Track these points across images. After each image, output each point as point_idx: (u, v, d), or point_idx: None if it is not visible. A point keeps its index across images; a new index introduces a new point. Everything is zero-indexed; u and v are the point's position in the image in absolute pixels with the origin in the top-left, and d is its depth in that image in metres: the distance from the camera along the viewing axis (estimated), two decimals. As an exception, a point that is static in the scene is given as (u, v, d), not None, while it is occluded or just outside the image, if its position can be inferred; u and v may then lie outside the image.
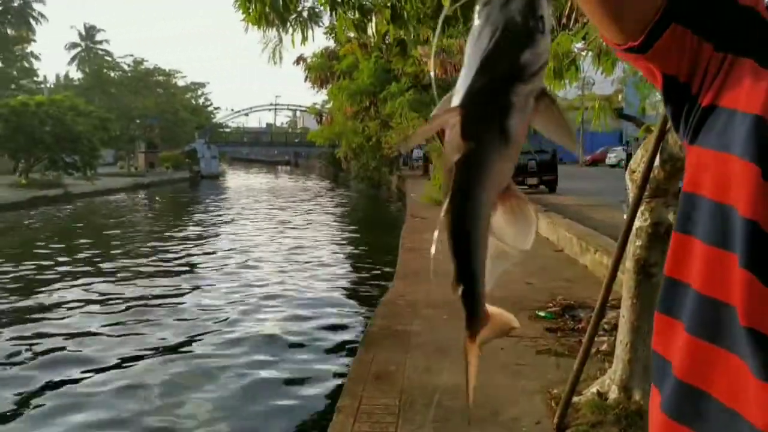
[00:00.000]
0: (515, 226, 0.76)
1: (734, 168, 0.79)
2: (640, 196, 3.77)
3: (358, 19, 4.38)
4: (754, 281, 0.77)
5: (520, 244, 0.77)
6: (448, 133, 0.70)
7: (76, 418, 5.49)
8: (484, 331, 0.86)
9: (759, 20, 0.83)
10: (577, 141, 3.82)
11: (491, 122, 0.68)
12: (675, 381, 0.87)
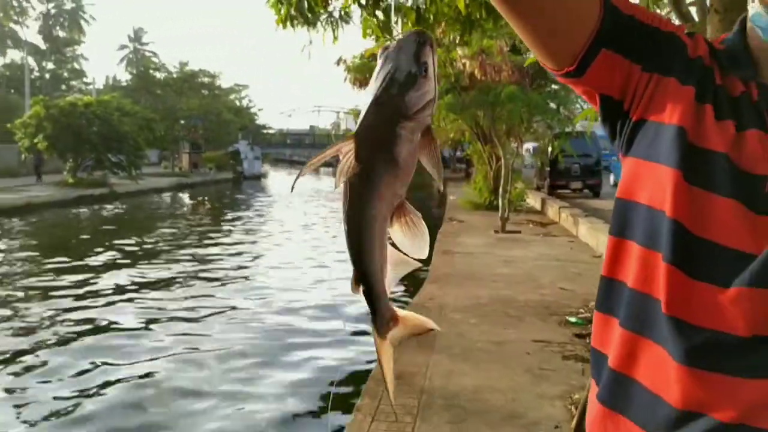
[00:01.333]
0: (411, 238, 0.85)
1: (661, 174, 0.89)
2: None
3: (383, 21, 4.40)
4: (677, 273, 0.86)
5: (416, 253, 0.87)
6: (341, 158, 0.80)
7: (107, 412, 5.64)
8: (397, 330, 0.91)
9: (680, 44, 0.95)
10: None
11: (379, 150, 0.80)
12: (609, 371, 0.96)
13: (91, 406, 5.75)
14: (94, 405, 5.77)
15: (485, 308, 7.07)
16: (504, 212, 13.81)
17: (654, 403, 0.89)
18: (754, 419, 0.81)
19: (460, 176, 34.98)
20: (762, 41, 0.91)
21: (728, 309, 0.84)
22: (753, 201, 0.85)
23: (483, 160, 19.03)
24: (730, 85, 0.92)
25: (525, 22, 0.97)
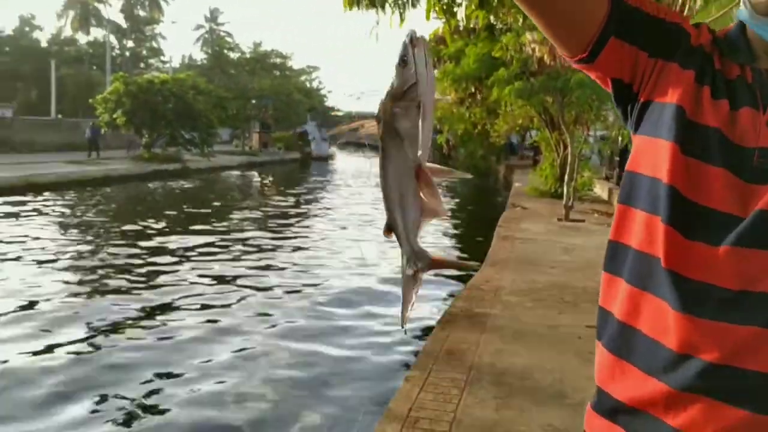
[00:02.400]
0: (428, 197, 1.02)
1: (661, 147, 1.01)
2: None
3: (447, 4, 4.48)
4: (674, 233, 0.98)
5: (439, 210, 1.04)
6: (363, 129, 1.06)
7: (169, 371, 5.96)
8: (433, 264, 1.07)
9: (684, 33, 1.07)
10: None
11: (386, 125, 1.00)
12: (615, 323, 1.08)
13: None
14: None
15: (541, 293, 7.09)
16: (568, 200, 13.67)
17: (654, 348, 1.00)
18: (738, 360, 0.92)
19: (527, 163, 34.50)
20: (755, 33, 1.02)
21: (719, 265, 0.95)
22: (742, 171, 0.96)
23: (550, 147, 18.80)
24: (728, 69, 1.03)
25: (541, 16, 1.09)
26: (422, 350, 5.15)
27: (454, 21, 4.68)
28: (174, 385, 5.79)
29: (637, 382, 1.03)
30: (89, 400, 5.39)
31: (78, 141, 32.26)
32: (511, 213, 14.85)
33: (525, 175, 25.24)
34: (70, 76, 45.44)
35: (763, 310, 0.92)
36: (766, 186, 0.93)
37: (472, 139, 25.14)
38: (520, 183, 21.90)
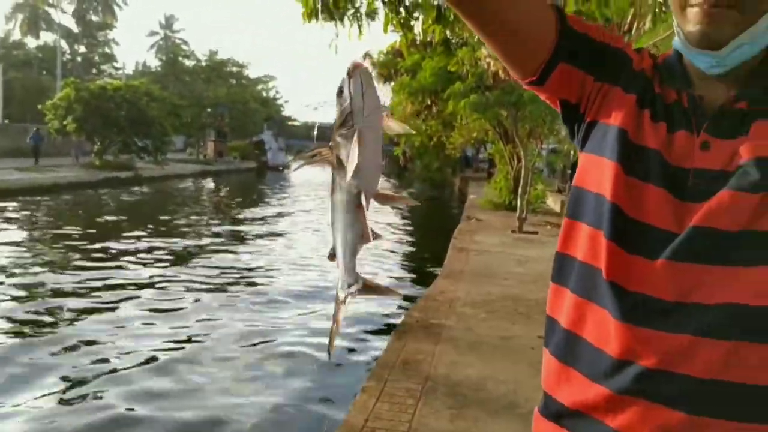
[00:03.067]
0: (365, 225, 1.06)
1: (605, 166, 1.08)
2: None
3: (404, 18, 4.54)
4: (614, 247, 1.05)
5: (371, 236, 1.07)
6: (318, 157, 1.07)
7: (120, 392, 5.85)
8: (361, 290, 1.10)
9: (627, 58, 1.14)
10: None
11: (335, 153, 1.04)
12: (561, 331, 1.14)
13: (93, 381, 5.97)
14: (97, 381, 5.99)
15: (495, 304, 7.20)
16: (522, 213, 13.90)
17: (597, 355, 1.07)
18: (673, 366, 0.99)
19: (482, 176, 34.92)
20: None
21: (656, 277, 1.02)
22: (678, 190, 1.03)
23: (505, 160, 19.09)
24: (666, 94, 1.10)
25: (494, 41, 1.16)
26: (378, 361, 5.17)
27: (411, 35, 4.75)
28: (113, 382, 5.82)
29: (581, 387, 1.09)
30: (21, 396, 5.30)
31: (26, 147, 31.45)
32: (467, 225, 15.01)
33: (480, 187, 25.55)
34: (18, 80, 44.29)
35: (696, 319, 0.98)
36: (700, 204, 1.00)
37: (428, 151, 25.36)
38: (475, 195, 22.17)
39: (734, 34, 1.01)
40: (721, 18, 1.01)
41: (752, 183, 0.96)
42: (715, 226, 0.98)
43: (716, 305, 0.98)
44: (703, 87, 1.08)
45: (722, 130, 1.03)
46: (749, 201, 0.97)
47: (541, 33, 1.12)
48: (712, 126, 1.04)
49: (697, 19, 1.02)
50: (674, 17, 1.09)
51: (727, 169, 1.00)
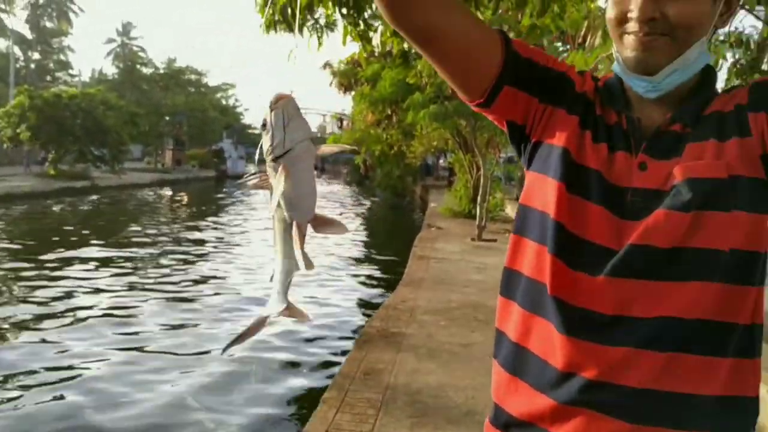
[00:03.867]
0: (300, 250, 1.10)
1: (549, 185, 1.13)
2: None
3: (362, 30, 4.58)
4: (558, 263, 1.10)
5: (306, 264, 1.10)
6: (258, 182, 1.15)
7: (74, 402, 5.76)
8: (284, 312, 1.18)
9: (570, 81, 1.20)
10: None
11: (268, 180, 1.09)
12: (510, 344, 1.19)
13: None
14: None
15: (455, 312, 7.27)
16: (481, 221, 14.05)
17: (543, 367, 1.12)
18: (614, 377, 1.05)
19: (443, 184, 35.18)
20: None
21: (597, 292, 1.07)
22: (618, 208, 1.09)
23: (464, 169, 19.29)
24: (607, 115, 1.16)
25: (443, 66, 1.20)
26: (339, 371, 5.19)
27: (369, 47, 4.78)
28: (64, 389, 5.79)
29: (528, 398, 1.14)
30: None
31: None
32: (427, 233, 15.12)
33: (441, 195, 25.75)
34: (-31, 88, 43.22)
35: (634, 332, 1.04)
36: (638, 222, 1.06)
37: (389, 159, 25.48)
38: (436, 203, 22.32)
39: (668, 61, 1.07)
40: (655, 46, 1.07)
41: (684, 202, 1.03)
42: (651, 243, 1.04)
43: (652, 319, 1.04)
44: (642, 109, 1.14)
45: (658, 151, 1.09)
46: (682, 220, 1.03)
47: (487, 57, 1.16)
48: (650, 147, 1.10)
49: (633, 46, 1.08)
50: (613, 43, 1.15)
51: (663, 189, 1.06)
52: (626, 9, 1.08)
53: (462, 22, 1.15)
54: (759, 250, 1.06)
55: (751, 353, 1.09)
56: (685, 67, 1.09)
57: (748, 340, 1.08)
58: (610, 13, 1.11)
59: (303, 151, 1.05)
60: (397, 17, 1.14)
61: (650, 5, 1.04)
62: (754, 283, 1.07)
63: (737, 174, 1.04)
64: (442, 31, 1.14)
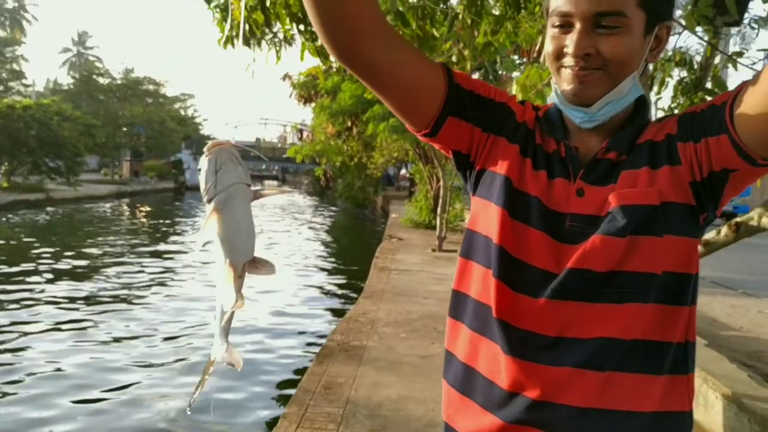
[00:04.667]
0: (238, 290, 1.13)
1: (493, 210, 1.18)
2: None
3: (320, 46, 4.61)
4: (502, 286, 1.15)
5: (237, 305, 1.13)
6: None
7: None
8: (223, 355, 1.20)
9: (510, 111, 1.25)
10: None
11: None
12: (459, 364, 1.24)
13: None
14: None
15: (415, 323, 7.31)
16: (441, 231, 14.16)
17: (490, 387, 1.17)
18: (556, 397, 1.10)
19: (404, 194, 35.33)
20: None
21: (539, 314, 1.12)
22: (557, 233, 1.14)
23: (424, 180, 19.42)
24: (547, 144, 1.22)
25: (389, 99, 1.24)
26: (299, 386, 5.17)
27: (327, 62, 4.82)
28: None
29: (476, 417, 1.18)
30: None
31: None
32: (388, 244, 15.17)
33: (402, 205, 25.84)
34: None
35: (574, 353, 1.10)
36: (576, 246, 1.12)
37: (350, 170, 25.52)
38: (397, 214, 22.41)
39: (602, 93, 1.13)
40: (590, 79, 1.12)
41: (619, 228, 1.08)
42: (588, 267, 1.10)
43: (591, 340, 1.10)
44: (579, 138, 1.20)
45: (595, 178, 1.15)
46: (617, 244, 1.08)
47: (431, 90, 1.21)
48: (587, 174, 1.16)
49: (570, 80, 1.14)
50: (552, 77, 1.20)
51: (599, 214, 1.12)
52: (563, 44, 1.13)
53: (406, 58, 1.19)
54: (690, 272, 1.13)
55: (685, 370, 1.15)
56: (619, 98, 1.15)
57: (681, 357, 1.14)
58: (548, 48, 1.17)
59: (235, 196, 1.09)
60: (343, 54, 1.17)
61: (585, 41, 1.10)
62: (686, 303, 1.13)
63: (669, 200, 1.10)
64: (387, 68, 1.17)
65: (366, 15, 1.13)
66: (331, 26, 1.12)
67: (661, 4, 1.14)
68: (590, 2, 1.09)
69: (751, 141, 1.03)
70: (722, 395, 4.17)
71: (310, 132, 22.51)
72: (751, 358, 5.76)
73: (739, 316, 7.77)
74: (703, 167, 1.09)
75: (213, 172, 1.08)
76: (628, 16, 1.09)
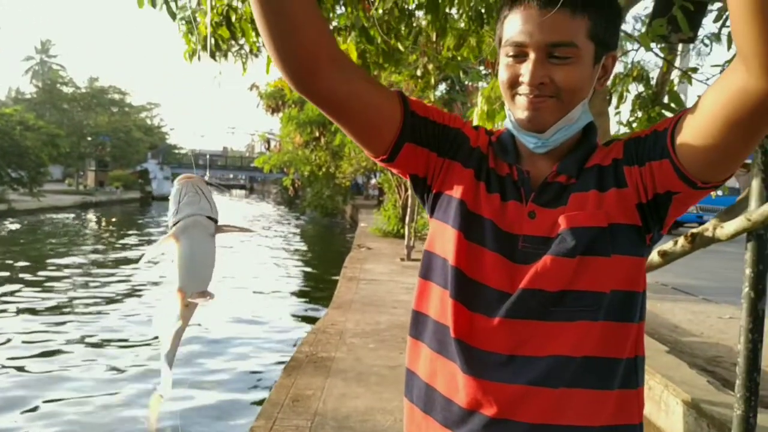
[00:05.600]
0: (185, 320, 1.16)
1: (449, 233, 1.23)
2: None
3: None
4: (459, 307, 1.19)
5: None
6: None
7: None
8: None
9: (464, 137, 1.30)
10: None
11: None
12: (420, 383, 1.27)
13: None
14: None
15: (383, 333, 7.33)
16: (409, 241, 14.21)
17: (449, 406, 1.20)
18: (511, 414, 1.14)
19: (373, 203, 35.37)
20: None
21: (494, 333, 1.16)
22: (511, 254, 1.19)
23: (393, 189, 19.48)
24: (500, 167, 1.26)
25: (347, 128, 1.28)
26: (267, 399, 5.16)
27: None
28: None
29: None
30: None
31: None
32: (357, 253, 15.17)
33: (371, 214, 25.85)
34: None
35: (528, 370, 1.14)
36: (529, 266, 1.16)
37: (318, 179, 25.47)
38: (366, 223, 22.42)
39: (555, 120, 1.19)
40: (544, 106, 1.17)
41: (569, 249, 1.13)
42: (540, 287, 1.14)
43: (545, 357, 1.14)
44: (531, 163, 1.25)
45: (546, 200, 1.20)
46: (567, 265, 1.13)
47: (387, 118, 1.25)
48: (538, 197, 1.21)
49: (525, 106, 1.18)
50: (505, 103, 1.25)
51: (550, 236, 1.17)
52: (518, 73, 1.18)
53: (363, 89, 1.22)
54: (637, 289, 1.18)
55: (635, 384, 1.20)
56: (570, 125, 1.20)
57: (631, 372, 1.19)
58: (503, 76, 1.21)
59: (194, 226, 1.11)
60: (301, 86, 1.20)
61: (540, 71, 1.15)
62: (634, 320, 1.18)
63: (616, 222, 1.15)
64: (345, 99, 1.21)
65: (323, 49, 1.16)
66: (289, 60, 1.15)
67: (607, 35, 1.19)
68: (544, 33, 1.14)
69: (691, 166, 1.09)
70: (682, 401, 4.27)
71: (278, 142, 22.44)
72: (710, 363, 5.89)
73: (699, 322, 7.93)
74: (648, 190, 1.15)
75: (176, 202, 1.11)
76: (578, 46, 1.15)
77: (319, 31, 1.16)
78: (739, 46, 0.93)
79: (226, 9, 3.66)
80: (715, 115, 1.02)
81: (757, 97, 0.95)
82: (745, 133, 1.02)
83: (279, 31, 1.12)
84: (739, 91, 0.97)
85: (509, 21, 1.19)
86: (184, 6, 5.08)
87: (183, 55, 4.60)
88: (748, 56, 0.92)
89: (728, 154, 1.07)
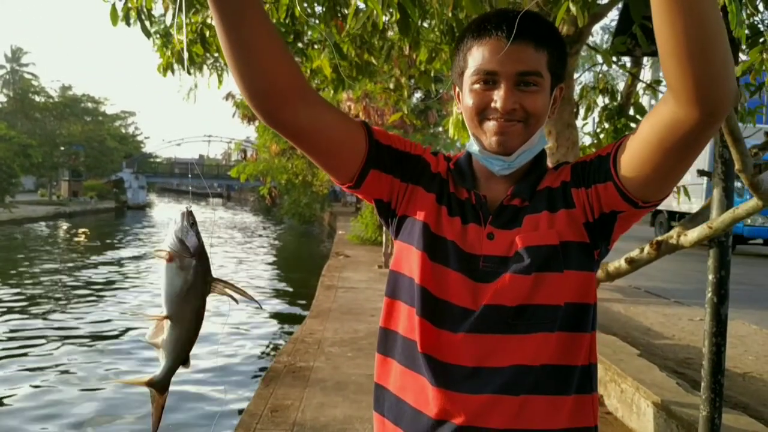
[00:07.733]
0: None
1: (414, 254, 1.31)
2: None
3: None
4: (425, 323, 1.27)
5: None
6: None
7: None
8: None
9: (425, 163, 1.39)
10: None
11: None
12: (391, 396, 1.35)
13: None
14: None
15: (361, 342, 7.38)
16: (387, 248, 14.28)
17: (419, 417, 1.28)
18: (479, 422, 1.22)
19: (351, 210, 35.40)
20: (480, 162, 1.35)
21: (459, 348, 1.25)
22: (473, 273, 1.27)
23: (370, 197, 19.50)
24: (459, 192, 1.35)
25: (313, 157, 1.34)
26: (246, 410, 5.19)
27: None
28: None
29: None
30: None
31: None
32: (335, 261, 15.20)
33: (348, 221, 25.86)
34: None
35: (492, 381, 1.22)
36: (490, 284, 1.25)
37: (296, 187, 25.39)
38: (344, 231, 22.43)
39: (520, 144, 1.28)
40: (513, 130, 1.26)
41: (525, 266, 1.23)
42: (501, 303, 1.23)
43: (507, 368, 1.23)
44: (487, 187, 1.35)
45: (503, 222, 1.29)
46: (524, 281, 1.22)
47: (352, 147, 1.32)
48: (495, 219, 1.30)
49: (494, 131, 1.27)
50: (469, 128, 1.33)
51: (508, 255, 1.26)
52: (489, 100, 1.26)
53: (329, 121, 1.29)
54: (589, 302, 1.28)
55: (590, 389, 1.30)
56: (531, 148, 1.30)
57: (586, 378, 1.29)
58: (470, 102, 1.28)
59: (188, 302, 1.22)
60: (269, 119, 1.24)
61: (512, 97, 1.24)
62: (587, 330, 1.28)
63: (567, 240, 1.25)
64: (312, 131, 1.27)
65: (291, 86, 1.21)
66: (257, 94, 1.20)
67: (559, 67, 1.30)
68: (514, 63, 1.23)
69: (632, 187, 1.19)
70: (653, 403, 4.39)
71: (254, 150, 22.39)
72: (680, 365, 6.03)
73: (671, 325, 8.10)
74: (594, 210, 1.25)
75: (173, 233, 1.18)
76: (543, 75, 1.25)
77: (288, 69, 1.20)
78: (668, 81, 1.03)
79: (200, 26, 3.70)
80: (650, 142, 1.12)
81: (686, 125, 1.05)
82: (677, 157, 1.12)
83: (248, 69, 1.16)
84: (671, 120, 1.07)
85: (476, 51, 1.27)
86: (158, 21, 5.14)
87: (157, 68, 4.64)
88: (677, 90, 1.02)
89: (664, 176, 1.16)
